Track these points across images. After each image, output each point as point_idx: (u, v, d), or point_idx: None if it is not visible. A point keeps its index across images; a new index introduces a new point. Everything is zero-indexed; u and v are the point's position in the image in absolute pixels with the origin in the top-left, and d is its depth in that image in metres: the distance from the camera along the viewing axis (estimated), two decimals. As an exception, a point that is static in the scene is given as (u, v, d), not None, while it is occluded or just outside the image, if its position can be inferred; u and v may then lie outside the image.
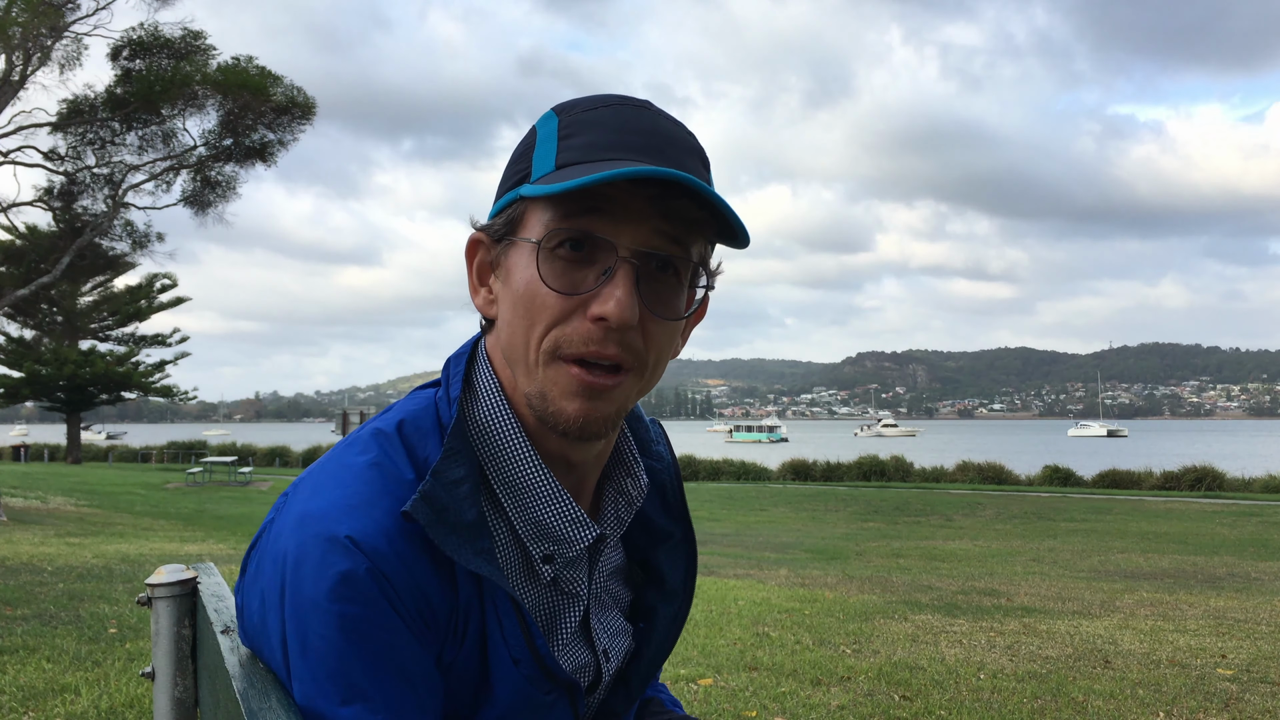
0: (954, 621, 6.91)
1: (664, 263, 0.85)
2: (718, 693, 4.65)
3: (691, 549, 1.08)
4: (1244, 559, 12.67)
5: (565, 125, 0.87)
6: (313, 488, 0.85)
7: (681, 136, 0.89)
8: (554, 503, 0.90)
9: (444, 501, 0.82)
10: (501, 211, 0.89)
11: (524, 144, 0.91)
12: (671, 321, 0.88)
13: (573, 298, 0.83)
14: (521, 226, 0.87)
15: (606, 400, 0.85)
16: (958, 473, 33.85)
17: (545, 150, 0.87)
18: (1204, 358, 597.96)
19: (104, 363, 44.10)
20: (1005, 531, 17.69)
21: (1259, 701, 4.64)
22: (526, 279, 0.85)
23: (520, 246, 0.87)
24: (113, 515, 18.51)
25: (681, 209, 0.83)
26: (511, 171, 0.90)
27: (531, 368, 0.86)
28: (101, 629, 5.74)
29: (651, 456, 1.06)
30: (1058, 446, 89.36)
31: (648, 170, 0.77)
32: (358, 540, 0.79)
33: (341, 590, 0.78)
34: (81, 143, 19.85)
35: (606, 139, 0.85)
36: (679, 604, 1.07)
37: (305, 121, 21.27)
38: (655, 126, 0.87)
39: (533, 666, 0.88)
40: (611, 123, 0.86)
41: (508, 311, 0.88)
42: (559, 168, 0.84)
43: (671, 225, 0.84)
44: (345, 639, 0.78)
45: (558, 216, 0.83)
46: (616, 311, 0.81)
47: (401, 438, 0.88)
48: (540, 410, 0.86)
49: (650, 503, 1.05)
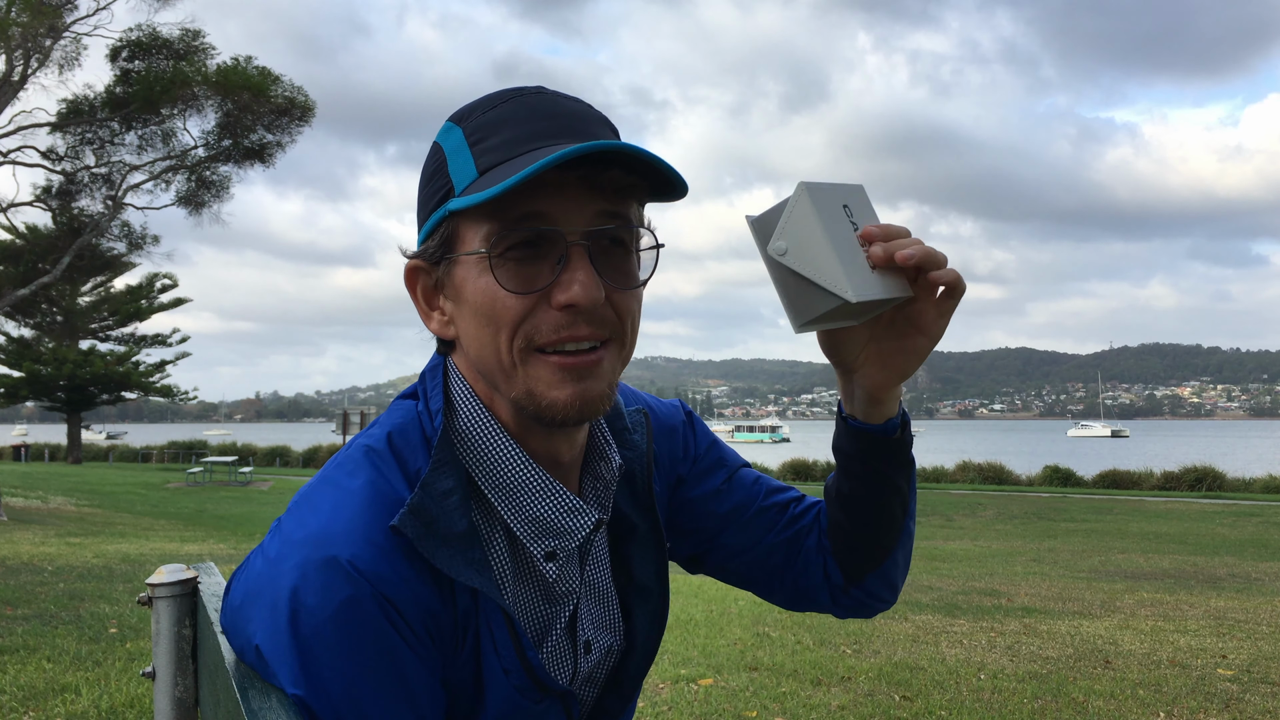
0: (954, 622, 6.91)
1: (611, 236, 0.85)
2: (718, 693, 4.65)
3: (660, 543, 1.06)
4: (1244, 559, 12.66)
5: (471, 131, 0.86)
6: (309, 510, 0.84)
7: (585, 110, 0.88)
8: (550, 496, 0.89)
9: (434, 513, 0.82)
10: (432, 233, 0.88)
11: (433, 163, 0.89)
12: (634, 289, 0.88)
13: (534, 294, 0.83)
14: (459, 242, 0.86)
15: (595, 378, 0.85)
16: (958, 473, 33.86)
17: (460, 161, 0.85)
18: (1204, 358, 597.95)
19: (104, 363, 44.11)
20: (1006, 532, 17.69)
21: (1259, 702, 4.64)
22: (481, 289, 0.84)
23: (463, 262, 0.86)
24: (113, 515, 18.51)
25: (613, 179, 0.83)
26: (430, 192, 0.89)
27: (509, 371, 0.85)
28: (102, 629, 5.74)
29: (626, 445, 1.04)
30: (1058, 447, 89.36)
31: (573, 150, 0.76)
32: (359, 565, 0.78)
33: (345, 617, 0.77)
34: (80, 143, 19.87)
35: (518, 132, 0.84)
36: (655, 601, 1.05)
37: (304, 123, 21.28)
38: (559, 108, 0.86)
39: (523, 678, 0.88)
40: (517, 115, 0.85)
41: (470, 327, 0.87)
42: (482, 173, 0.83)
43: (607, 198, 0.84)
44: (352, 666, 0.77)
45: (497, 221, 0.82)
46: (583, 294, 0.81)
47: (393, 453, 0.87)
48: (532, 408, 0.86)
49: (620, 493, 1.03)
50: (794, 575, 1.15)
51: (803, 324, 0.88)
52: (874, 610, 1.16)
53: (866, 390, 0.98)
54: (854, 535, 1.08)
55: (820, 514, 1.15)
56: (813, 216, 0.85)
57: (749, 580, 1.18)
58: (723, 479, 1.16)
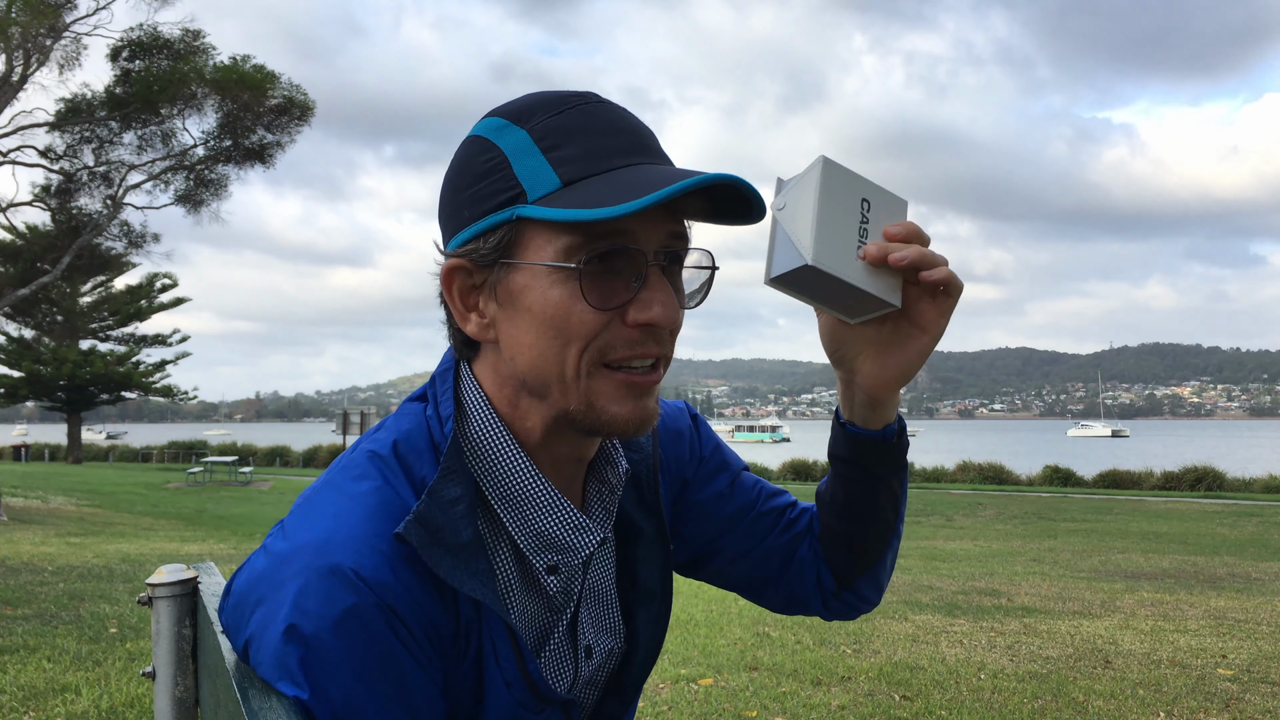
0: (954, 621, 6.91)
1: (677, 256, 0.87)
2: (718, 693, 4.66)
3: (665, 546, 1.06)
4: (1244, 559, 12.66)
5: (541, 135, 0.83)
6: (312, 515, 0.83)
7: (644, 125, 0.89)
8: (556, 512, 0.89)
9: (439, 522, 0.81)
10: (486, 235, 0.84)
11: (484, 160, 0.85)
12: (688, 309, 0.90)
13: (610, 311, 0.83)
14: (523, 249, 0.83)
15: (651, 396, 0.87)
16: (958, 473, 33.86)
17: (531, 165, 0.83)
18: (1204, 358, 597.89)
19: (104, 362, 44.12)
20: (1006, 531, 17.68)
21: (1259, 702, 4.64)
22: (554, 300, 0.82)
23: (526, 270, 0.83)
24: (113, 515, 18.52)
25: (694, 203, 0.84)
26: (484, 191, 0.84)
27: (570, 383, 0.84)
28: (102, 629, 5.74)
29: (632, 448, 1.05)
30: (1058, 447, 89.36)
31: (706, 179, 0.77)
32: (362, 573, 0.78)
33: (348, 625, 0.76)
34: (80, 142, 19.86)
35: (595, 144, 0.83)
36: (658, 605, 1.05)
37: (303, 122, 21.26)
38: (625, 122, 0.86)
39: (524, 690, 0.87)
40: (588, 126, 0.84)
41: (528, 336, 0.85)
42: (567, 183, 0.81)
43: (678, 219, 0.85)
44: (354, 676, 0.77)
45: (581, 235, 0.81)
46: (663, 314, 0.82)
47: (399, 458, 0.87)
48: (589, 421, 0.85)
49: (626, 495, 1.03)
50: (788, 580, 1.16)
51: (770, 278, 0.89)
52: (860, 612, 1.18)
53: (867, 392, 0.98)
54: (847, 540, 1.09)
55: (813, 520, 1.16)
56: (815, 186, 0.86)
57: (744, 585, 1.18)
58: (726, 482, 1.16)
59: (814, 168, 0.87)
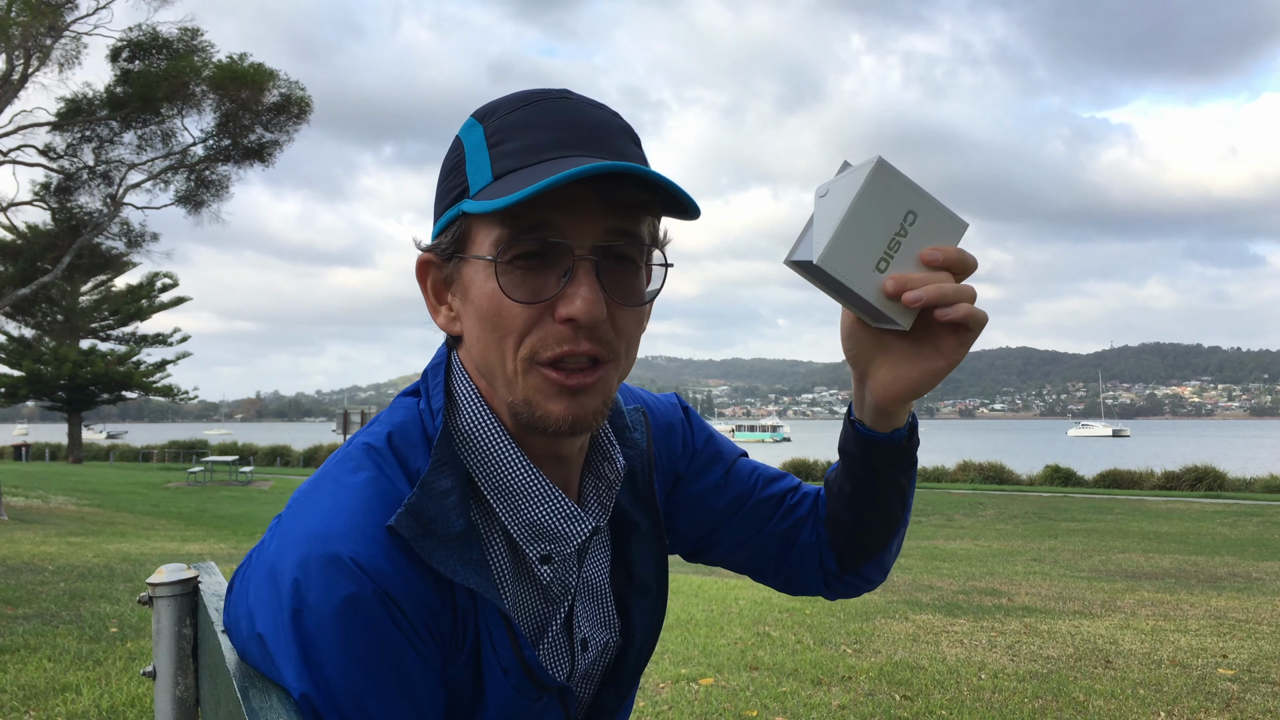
0: (955, 621, 6.91)
1: (619, 253, 0.85)
2: (719, 692, 4.66)
3: (660, 540, 1.07)
4: (1245, 559, 12.66)
5: (492, 131, 0.85)
6: (309, 507, 0.84)
7: (608, 120, 0.88)
8: (547, 501, 0.89)
9: (431, 513, 0.82)
10: (445, 229, 0.88)
11: (453, 157, 0.89)
12: (638, 307, 0.88)
13: (538, 305, 0.83)
14: (470, 242, 0.86)
15: (590, 394, 0.86)
16: (959, 472, 33.87)
17: (477, 161, 0.85)
18: (1205, 358, 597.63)
19: (104, 362, 44.13)
20: (1006, 531, 17.68)
21: (1260, 702, 4.64)
22: (488, 294, 0.84)
23: (472, 263, 0.86)
24: (114, 514, 18.53)
25: (628, 196, 0.82)
26: (447, 188, 0.89)
27: (511, 378, 0.85)
28: (102, 628, 5.74)
29: (627, 444, 1.05)
30: (1059, 446, 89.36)
31: (589, 169, 0.76)
32: (361, 561, 0.78)
33: (348, 614, 0.77)
34: (80, 141, 19.86)
35: (538, 139, 0.83)
36: (653, 599, 1.06)
37: (301, 120, 21.25)
38: (582, 116, 0.86)
39: (521, 676, 0.88)
40: (539, 121, 0.84)
41: (475, 328, 0.87)
42: (497, 178, 0.83)
43: (619, 214, 0.84)
44: (353, 664, 0.77)
45: (508, 228, 0.82)
46: (584, 310, 0.81)
47: (393, 450, 0.87)
48: (527, 416, 0.86)
49: (621, 491, 1.03)
50: (789, 564, 1.17)
51: (787, 259, 0.90)
52: (863, 591, 1.19)
53: (876, 399, 0.98)
54: (852, 529, 1.10)
55: (819, 503, 1.16)
56: (859, 185, 0.85)
57: (746, 568, 1.21)
58: (720, 473, 1.17)
59: (865, 166, 0.86)
